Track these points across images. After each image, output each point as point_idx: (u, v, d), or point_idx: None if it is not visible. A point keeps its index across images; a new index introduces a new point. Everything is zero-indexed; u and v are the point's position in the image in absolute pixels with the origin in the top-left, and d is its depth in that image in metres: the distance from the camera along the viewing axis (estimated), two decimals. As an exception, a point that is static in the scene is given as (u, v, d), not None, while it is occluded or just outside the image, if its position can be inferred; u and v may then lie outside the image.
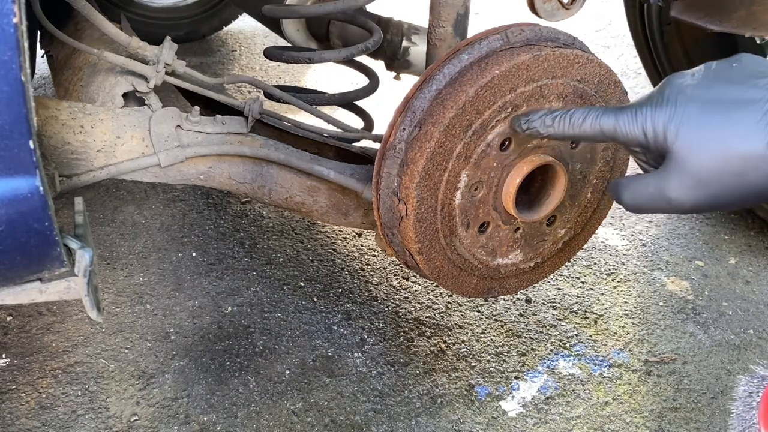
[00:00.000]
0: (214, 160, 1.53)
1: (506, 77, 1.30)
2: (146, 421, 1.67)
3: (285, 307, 2.01)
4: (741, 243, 2.37)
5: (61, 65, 1.74)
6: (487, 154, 1.34)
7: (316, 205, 1.61)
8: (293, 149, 1.58)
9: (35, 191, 0.98)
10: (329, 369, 1.82)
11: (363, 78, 2.11)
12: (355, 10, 1.93)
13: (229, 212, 2.41)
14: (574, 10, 1.77)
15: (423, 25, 1.98)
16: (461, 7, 1.57)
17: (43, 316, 1.94)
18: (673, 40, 2.37)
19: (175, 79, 1.52)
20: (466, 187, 1.35)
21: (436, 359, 1.87)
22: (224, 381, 1.78)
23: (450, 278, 1.44)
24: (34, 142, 0.95)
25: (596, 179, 1.53)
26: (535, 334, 1.96)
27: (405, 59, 2.18)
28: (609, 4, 4.10)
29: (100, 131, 1.42)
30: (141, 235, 2.28)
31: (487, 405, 1.75)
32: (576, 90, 1.39)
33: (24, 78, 0.91)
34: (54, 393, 1.72)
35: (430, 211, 1.33)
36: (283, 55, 1.87)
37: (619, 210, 2.51)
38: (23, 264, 1.09)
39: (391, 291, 2.09)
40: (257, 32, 3.81)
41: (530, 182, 1.46)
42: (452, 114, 1.27)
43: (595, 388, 1.81)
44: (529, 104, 1.35)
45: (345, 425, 1.68)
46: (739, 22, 1.83)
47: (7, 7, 0.87)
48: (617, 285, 2.17)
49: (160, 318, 1.96)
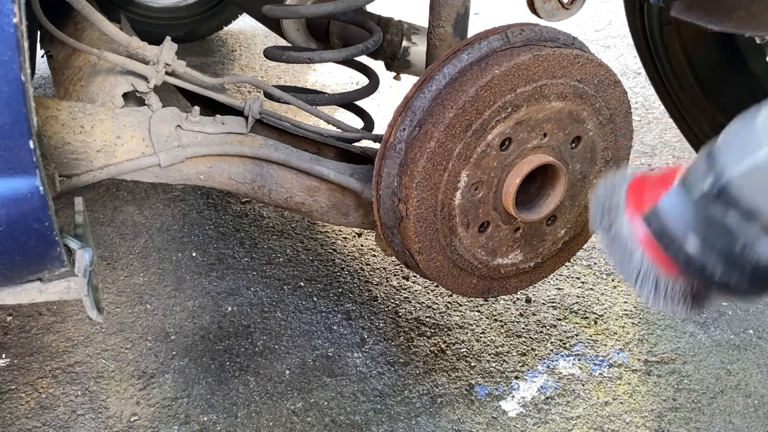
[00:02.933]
0: (214, 160, 1.53)
1: (506, 77, 1.30)
2: (146, 421, 1.67)
3: (285, 307, 2.01)
4: (741, 243, 2.37)
5: (61, 65, 1.74)
6: (487, 154, 1.34)
7: (316, 205, 1.61)
8: (293, 149, 1.58)
9: (35, 191, 0.98)
10: (329, 369, 1.83)
11: (363, 78, 2.11)
12: (355, 10, 1.93)
13: (229, 212, 2.41)
14: (574, 10, 1.77)
15: (423, 25, 1.98)
16: (461, 7, 1.57)
17: (43, 316, 1.94)
18: (673, 40, 2.36)
19: (175, 79, 1.52)
20: (466, 187, 1.35)
21: (436, 359, 1.87)
22: (224, 381, 1.78)
23: (450, 278, 1.44)
24: (34, 142, 0.95)
25: (596, 179, 1.53)
26: (535, 334, 1.96)
27: (405, 59, 2.18)
28: (609, 4, 4.10)
29: (100, 131, 1.42)
30: (141, 235, 2.28)
31: (487, 405, 1.75)
32: (576, 90, 1.39)
33: (24, 78, 0.91)
34: (54, 393, 1.72)
35: (430, 211, 1.33)
36: (283, 55, 1.87)
37: (619, 210, 2.51)
38: (23, 264, 1.09)
39: (391, 291, 2.09)
40: (257, 32, 3.81)
41: (530, 182, 1.46)
42: (452, 114, 1.27)
43: (595, 388, 1.81)
44: (529, 104, 1.35)
45: (345, 425, 1.68)
46: (739, 22, 1.83)
47: (7, 7, 0.87)
48: (617, 285, 2.17)
49: (160, 318, 1.96)
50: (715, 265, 0.87)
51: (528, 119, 1.36)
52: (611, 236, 0.97)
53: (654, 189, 0.94)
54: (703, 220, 0.86)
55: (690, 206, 0.87)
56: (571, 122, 1.42)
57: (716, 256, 0.87)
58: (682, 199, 0.89)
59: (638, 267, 0.95)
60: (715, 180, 0.83)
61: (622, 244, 0.95)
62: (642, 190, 0.96)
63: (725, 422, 1.73)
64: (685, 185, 0.89)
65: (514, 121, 1.35)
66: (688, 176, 0.89)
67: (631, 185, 0.97)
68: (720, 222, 0.84)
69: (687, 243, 0.88)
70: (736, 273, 0.87)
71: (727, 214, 0.84)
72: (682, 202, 0.89)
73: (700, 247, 0.88)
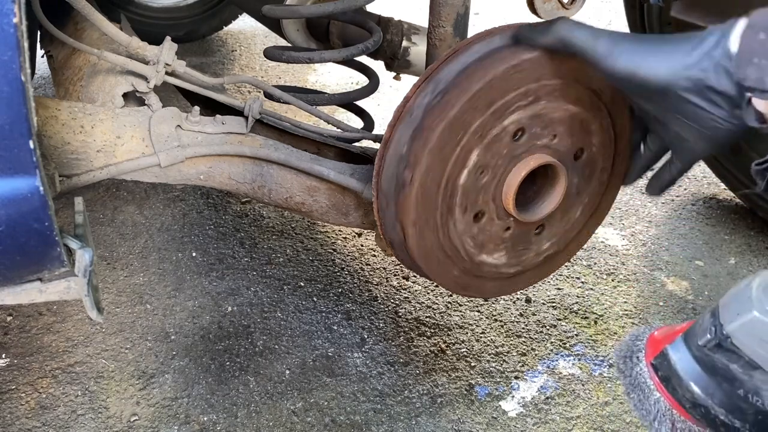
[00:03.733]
0: (214, 160, 1.53)
1: (535, 64, 1.31)
2: (146, 421, 1.67)
3: (285, 307, 2.01)
4: (741, 243, 2.37)
5: (61, 65, 1.74)
6: (500, 140, 1.35)
7: (316, 205, 1.61)
8: (293, 149, 1.58)
9: (35, 191, 0.98)
10: (329, 369, 1.83)
11: (363, 78, 2.11)
12: (355, 10, 1.93)
13: (229, 212, 2.41)
14: (574, 10, 1.77)
15: (423, 25, 1.98)
16: (461, 7, 1.57)
17: (43, 316, 1.95)
18: (673, 41, 2.36)
19: (175, 79, 1.52)
20: (473, 167, 1.34)
21: (436, 359, 1.87)
22: (224, 381, 1.78)
23: (434, 262, 1.41)
24: (34, 142, 0.95)
25: (588, 199, 1.55)
26: (535, 334, 1.96)
27: (405, 59, 2.18)
28: (609, 4, 4.10)
29: (100, 131, 1.42)
30: (141, 235, 2.28)
31: (487, 405, 1.75)
32: (592, 100, 1.41)
33: (24, 78, 0.91)
34: (54, 393, 1.72)
35: (435, 184, 1.32)
36: (283, 55, 1.87)
37: (618, 210, 2.51)
38: (23, 264, 1.09)
39: (391, 291, 2.10)
40: (257, 32, 3.81)
41: (528, 185, 1.46)
42: (479, 86, 1.27)
43: (595, 388, 1.81)
44: (549, 100, 1.36)
45: (345, 425, 1.68)
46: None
47: (7, 7, 0.87)
48: (617, 285, 2.17)
49: (160, 318, 1.96)
50: (719, 408, 0.97)
51: (544, 115, 1.38)
52: (630, 381, 1.07)
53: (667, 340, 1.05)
54: (705, 368, 0.97)
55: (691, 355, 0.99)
56: (580, 131, 1.43)
57: (718, 402, 0.97)
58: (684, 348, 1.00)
59: (655, 409, 1.04)
60: (717, 331, 0.95)
61: (641, 387, 1.05)
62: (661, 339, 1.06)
63: (725, 422, 1.73)
64: (687, 336, 1.01)
65: (531, 113, 1.36)
66: (693, 329, 1.00)
67: (653, 334, 1.08)
68: (725, 369, 0.96)
69: (691, 387, 0.98)
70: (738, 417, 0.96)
71: (732, 362, 0.95)
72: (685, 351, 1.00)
73: (702, 392, 0.98)
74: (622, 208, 2.52)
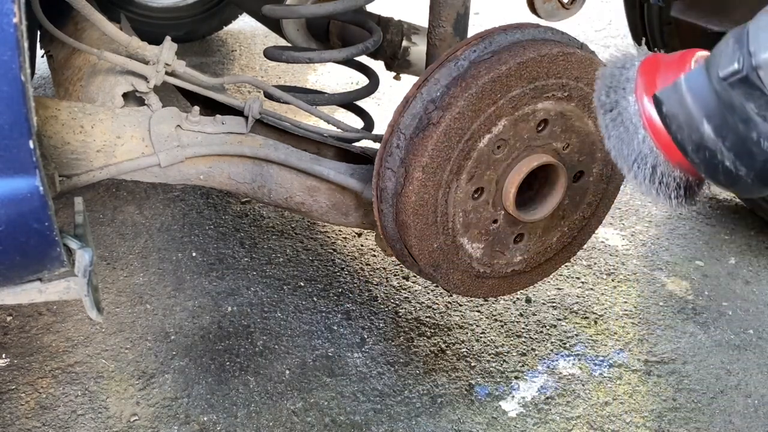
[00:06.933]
0: (214, 160, 1.53)
1: (584, 64, 1.38)
2: (146, 421, 1.67)
3: (285, 307, 2.01)
4: (741, 243, 2.37)
5: (61, 65, 1.74)
6: (527, 121, 1.38)
7: (316, 205, 1.61)
8: (293, 149, 1.58)
9: (35, 191, 0.98)
10: (329, 369, 1.83)
11: (363, 78, 2.11)
12: (355, 10, 1.93)
13: (229, 212, 2.41)
14: (574, 10, 1.77)
15: (423, 25, 1.99)
16: (461, 7, 1.57)
17: (43, 316, 1.95)
18: (673, 40, 2.37)
19: (175, 79, 1.52)
20: (495, 136, 1.36)
21: (436, 359, 1.87)
22: (224, 381, 1.78)
23: (421, 223, 1.38)
24: (34, 142, 0.95)
25: (568, 228, 1.57)
26: (535, 334, 1.96)
27: (405, 59, 2.18)
28: (609, 4, 4.10)
29: (100, 131, 1.42)
30: (141, 235, 2.28)
31: (487, 405, 1.75)
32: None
33: (24, 78, 0.91)
34: (54, 393, 1.72)
35: (458, 133, 1.32)
36: (283, 55, 1.87)
37: (618, 210, 2.51)
38: (23, 264, 1.09)
39: (391, 291, 2.10)
40: (257, 32, 3.81)
41: (526, 188, 1.48)
42: (531, 55, 1.33)
43: (595, 388, 1.81)
44: (577, 105, 1.45)
45: (345, 425, 1.68)
46: (739, 22, 1.83)
47: (7, 7, 0.87)
48: (617, 285, 2.17)
49: (160, 318, 1.96)
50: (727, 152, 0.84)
51: (568, 117, 1.42)
52: (613, 116, 0.93)
53: (669, 70, 0.90)
54: (723, 104, 0.83)
55: (711, 88, 0.84)
56: (588, 152, 1.47)
57: (729, 144, 0.84)
58: (704, 79, 0.85)
59: (638, 149, 0.90)
60: (744, 62, 0.80)
61: (624, 123, 0.91)
62: (655, 70, 0.92)
63: (725, 422, 1.73)
64: (708, 66, 0.85)
65: (560, 108, 1.40)
66: (713, 57, 0.85)
67: (644, 65, 0.93)
68: (741, 108, 0.82)
69: (702, 126, 0.85)
70: (746, 163, 0.84)
71: (749, 100, 0.81)
72: (704, 82, 0.84)
73: (714, 132, 0.84)
74: (622, 208, 2.52)
